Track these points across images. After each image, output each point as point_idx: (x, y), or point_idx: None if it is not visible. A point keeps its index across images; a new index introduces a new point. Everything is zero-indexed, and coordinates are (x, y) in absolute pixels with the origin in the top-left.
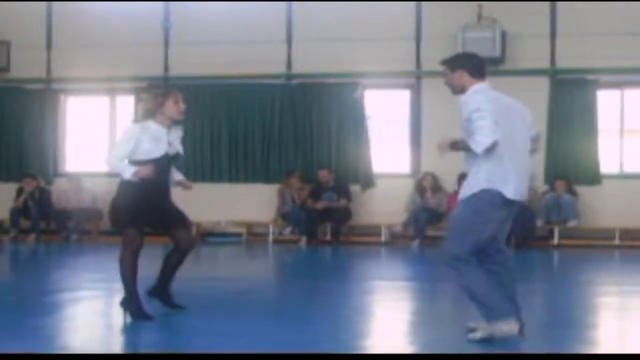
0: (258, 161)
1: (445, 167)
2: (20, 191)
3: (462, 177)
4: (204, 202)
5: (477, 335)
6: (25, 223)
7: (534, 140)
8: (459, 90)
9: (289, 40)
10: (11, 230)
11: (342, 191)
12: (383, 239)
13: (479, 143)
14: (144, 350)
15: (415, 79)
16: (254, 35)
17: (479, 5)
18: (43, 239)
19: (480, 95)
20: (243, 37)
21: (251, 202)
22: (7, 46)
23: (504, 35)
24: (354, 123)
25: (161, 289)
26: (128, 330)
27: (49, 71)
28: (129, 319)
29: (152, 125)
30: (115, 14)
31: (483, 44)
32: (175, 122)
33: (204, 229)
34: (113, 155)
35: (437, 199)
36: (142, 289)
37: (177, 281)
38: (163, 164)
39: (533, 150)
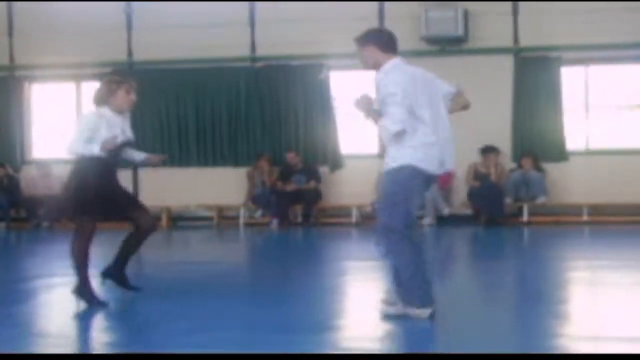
0: (226, 145)
1: None
2: None
3: None
4: (173, 187)
5: (391, 310)
6: None
7: (459, 94)
8: (372, 66)
9: (252, 23)
10: None
11: (311, 173)
12: (354, 219)
13: (385, 129)
14: (119, 336)
15: None
16: (217, 18)
17: None
18: (13, 226)
19: (397, 74)
20: (206, 21)
21: (221, 186)
22: None
23: (466, 14)
24: (321, 104)
25: (117, 270)
26: (103, 316)
27: (12, 58)
28: (82, 306)
29: (107, 113)
30: None
31: (446, 24)
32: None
33: (174, 213)
34: (74, 142)
35: None
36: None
37: (148, 265)
38: (117, 150)
39: (465, 106)
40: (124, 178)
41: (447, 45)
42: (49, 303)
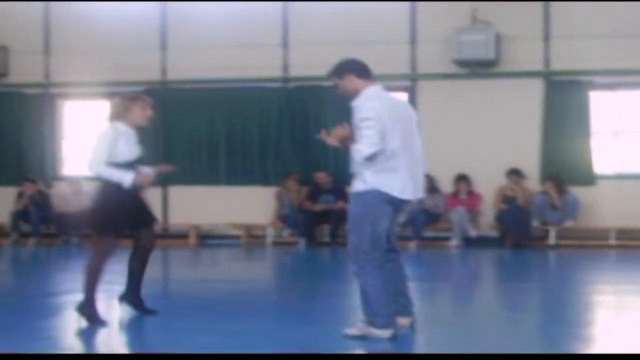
0: (256, 164)
1: (442, 168)
2: (20, 195)
3: (459, 179)
4: (202, 205)
5: (353, 331)
6: (25, 227)
7: None
8: (354, 94)
9: (285, 44)
10: (12, 234)
11: (340, 193)
12: None
13: (359, 151)
14: (146, 350)
15: (411, 81)
16: (250, 38)
17: (473, 7)
18: (43, 242)
19: (373, 102)
20: (240, 41)
21: (249, 205)
22: (5, 51)
23: (498, 37)
24: (351, 126)
25: (132, 295)
26: (130, 331)
27: (47, 76)
28: (84, 324)
29: (122, 128)
30: (112, 18)
31: (477, 47)
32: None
33: (203, 231)
34: (98, 161)
35: (434, 200)
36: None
37: (177, 283)
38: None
39: None
40: (154, 196)
41: (477, 69)
42: (77, 318)
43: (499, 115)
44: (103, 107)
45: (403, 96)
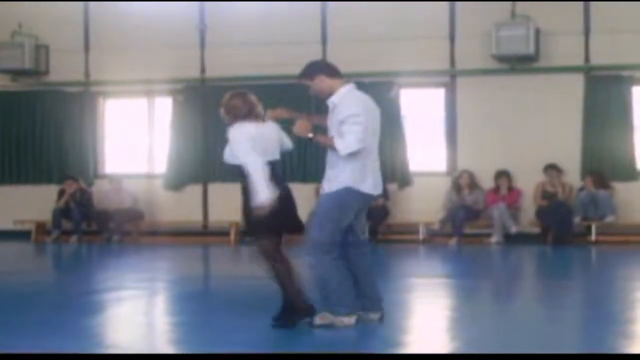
0: (295, 161)
1: (482, 164)
2: (61, 193)
3: (499, 175)
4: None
5: (318, 321)
6: (67, 224)
7: None
8: (327, 94)
9: (323, 41)
10: (53, 232)
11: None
12: (421, 236)
13: (347, 146)
14: (185, 348)
15: (450, 77)
16: (289, 35)
17: (513, 2)
18: (85, 239)
19: (356, 99)
20: (278, 38)
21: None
22: (46, 50)
23: (537, 32)
24: (390, 122)
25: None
26: (169, 328)
27: (87, 74)
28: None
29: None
30: (151, 16)
31: (517, 42)
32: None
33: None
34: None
35: (474, 196)
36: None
37: (214, 279)
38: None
39: None
40: (195, 193)
41: (517, 64)
42: (119, 316)
43: (539, 111)
44: (143, 105)
45: (441, 92)
